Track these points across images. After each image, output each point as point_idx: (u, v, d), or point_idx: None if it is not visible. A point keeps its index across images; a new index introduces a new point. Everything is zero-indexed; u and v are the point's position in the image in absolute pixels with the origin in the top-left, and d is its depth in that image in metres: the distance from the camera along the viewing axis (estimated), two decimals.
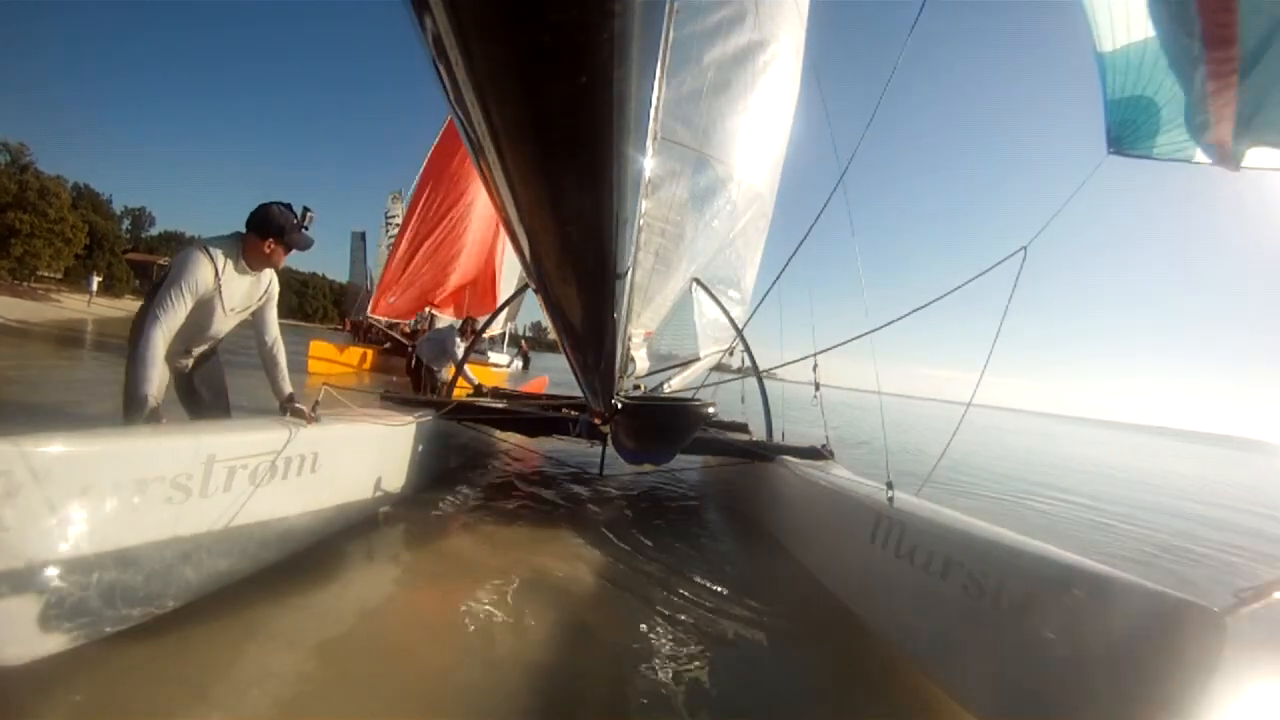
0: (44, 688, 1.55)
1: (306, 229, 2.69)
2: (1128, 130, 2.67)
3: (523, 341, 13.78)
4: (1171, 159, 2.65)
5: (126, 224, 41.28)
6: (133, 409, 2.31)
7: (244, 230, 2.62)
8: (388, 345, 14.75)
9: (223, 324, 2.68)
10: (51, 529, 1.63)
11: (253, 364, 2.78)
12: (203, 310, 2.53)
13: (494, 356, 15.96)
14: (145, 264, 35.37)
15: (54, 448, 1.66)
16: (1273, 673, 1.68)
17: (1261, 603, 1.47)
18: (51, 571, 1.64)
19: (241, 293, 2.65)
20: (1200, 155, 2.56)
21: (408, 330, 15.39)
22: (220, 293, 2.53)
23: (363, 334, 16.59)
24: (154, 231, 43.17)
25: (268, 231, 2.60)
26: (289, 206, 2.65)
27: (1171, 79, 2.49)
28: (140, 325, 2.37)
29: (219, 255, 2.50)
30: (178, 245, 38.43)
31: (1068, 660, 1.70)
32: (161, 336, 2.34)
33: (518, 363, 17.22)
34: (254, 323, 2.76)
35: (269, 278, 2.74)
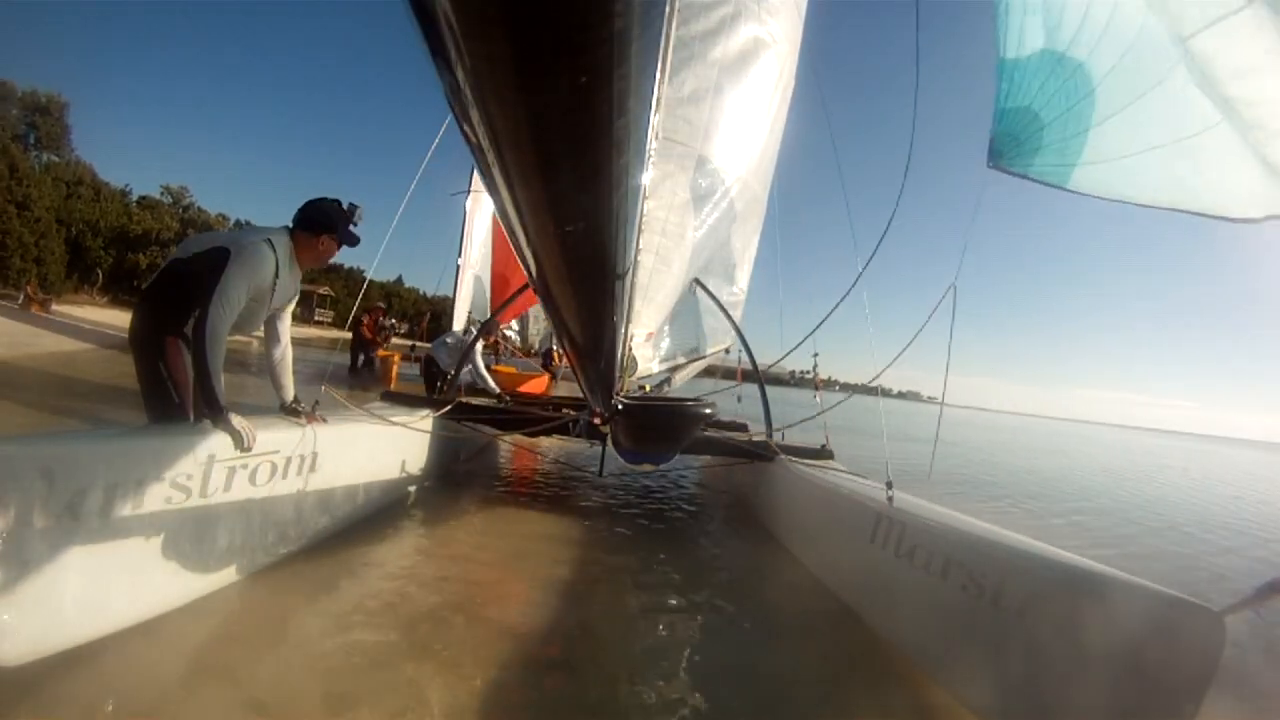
0: (44, 688, 1.55)
1: (356, 225, 2.60)
2: (1009, 144, 2.64)
3: (556, 352, 13.01)
4: (1045, 182, 2.63)
5: None
6: (211, 413, 2.15)
7: (291, 225, 2.49)
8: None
9: (259, 323, 2.52)
10: (53, 529, 1.62)
11: (237, 361, 2.74)
12: (251, 307, 2.37)
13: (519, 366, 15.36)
14: (307, 294, 37.46)
15: (55, 449, 1.66)
16: (1272, 672, 1.67)
17: (1261, 603, 1.47)
18: (54, 571, 1.64)
19: (287, 291, 2.52)
20: (1076, 181, 2.53)
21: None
22: (274, 290, 2.40)
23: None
24: None
25: (322, 227, 2.49)
26: (338, 202, 2.56)
27: (1062, 95, 2.46)
28: (202, 319, 2.14)
29: (280, 249, 2.37)
30: (337, 276, 40.18)
31: (1068, 660, 1.70)
32: (226, 330, 2.18)
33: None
34: (271, 321, 2.59)
35: (299, 277, 2.61)
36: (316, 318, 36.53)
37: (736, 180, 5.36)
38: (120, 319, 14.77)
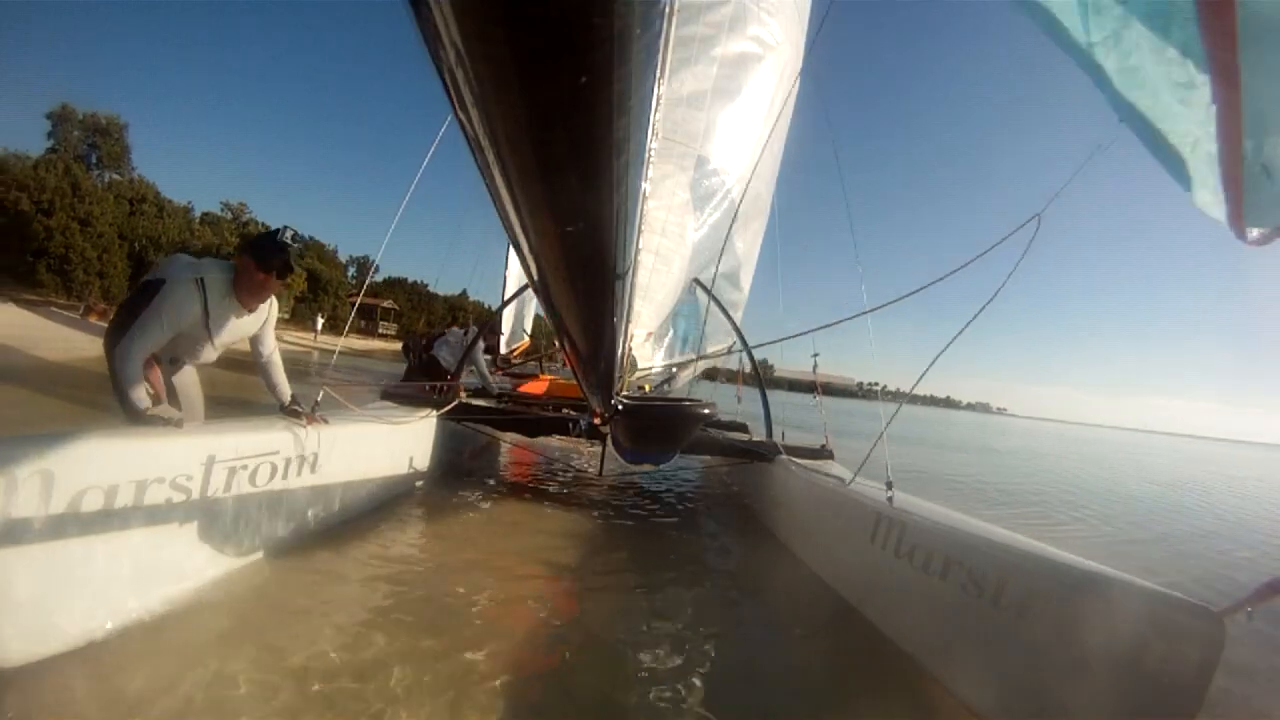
0: (43, 688, 1.55)
1: (292, 246, 2.50)
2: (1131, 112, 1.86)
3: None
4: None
5: (353, 271, 44.27)
6: (134, 419, 2.21)
7: (238, 260, 2.46)
8: None
9: (211, 354, 2.59)
10: (53, 530, 1.63)
11: (244, 362, 2.76)
12: (189, 340, 2.43)
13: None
14: (371, 306, 38.83)
15: (55, 449, 1.66)
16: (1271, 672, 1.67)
17: (1261, 603, 1.47)
18: (53, 572, 1.64)
19: (235, 327, 2.52)
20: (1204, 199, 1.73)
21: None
22: (209, 329, 2.42)
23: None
24: (378, 278, 46.07)
25: (249, 258, 2.43)
26: (272, 232, 2.49)
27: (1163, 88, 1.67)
28: (118, 344, 2.24)
29: (212, 288, 2.37)
30: (400, 290, 40.80)
31: (1067, 660, 1.70)
32: (140, 357, 2.26)
33: None
34: (250, 342, 2.67)
35: (267, 306, 2.61)
36: (380, 330, 37.23)
37: (738, 181, 5.36)
38: None
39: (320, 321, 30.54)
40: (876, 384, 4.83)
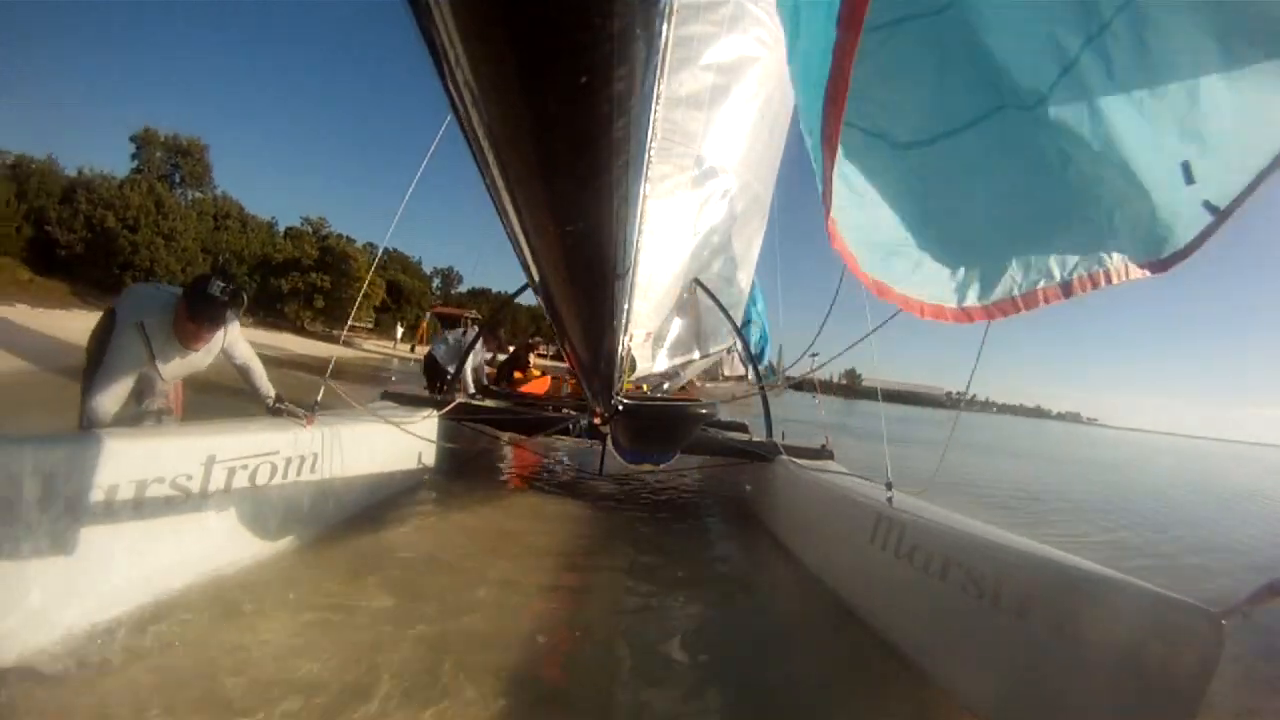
0: (41, 687, 1.55)
1: (219, 299, 2.37)
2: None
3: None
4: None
5: (437, 282, 46.20)
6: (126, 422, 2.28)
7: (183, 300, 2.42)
8: None
9: (165, 387, 2.61)
10: (53, 530, 1.62)
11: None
12: (145, 378, 2.48)
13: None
14: (453, 316, 40.10)
15: (55, 449, 1.66)
16: (1270, 673, 1.67)
17: (1260, 605, 1.47)
18: (53, 572, 1.64)
19: (183, 364, 2.52)
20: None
21: None
22: (157, 369, 2.44)
23: None
24: (462, 289, 48.01)
25: (184, 303, 2.36)
26: (202, 279, 2.42)
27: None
28: (85, 396, 2.28)
29: (154, 332, 2.36)
30: (484, 300, 41.37)
31: (1067, 661, 1.70)
32: (109, 410, 2.28)
33: None
34: (223, 356, 2.67)
35: (218, 341, 2.54)
36: None
37: (736, 181, 5.35)
38: (253, 335, 16.36)
39: (400, 330, 32.17)
40: (964, 393, 4.57)
